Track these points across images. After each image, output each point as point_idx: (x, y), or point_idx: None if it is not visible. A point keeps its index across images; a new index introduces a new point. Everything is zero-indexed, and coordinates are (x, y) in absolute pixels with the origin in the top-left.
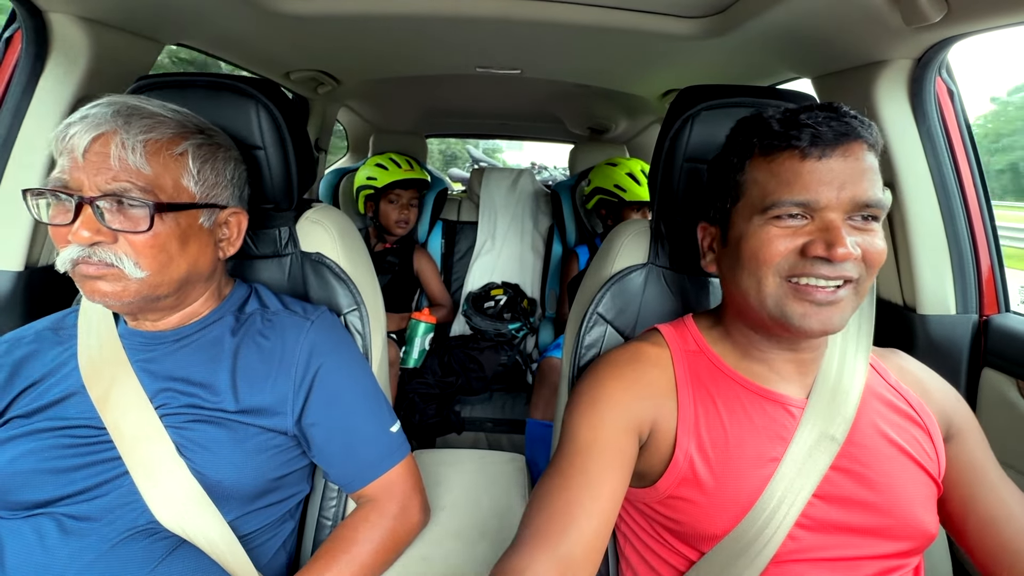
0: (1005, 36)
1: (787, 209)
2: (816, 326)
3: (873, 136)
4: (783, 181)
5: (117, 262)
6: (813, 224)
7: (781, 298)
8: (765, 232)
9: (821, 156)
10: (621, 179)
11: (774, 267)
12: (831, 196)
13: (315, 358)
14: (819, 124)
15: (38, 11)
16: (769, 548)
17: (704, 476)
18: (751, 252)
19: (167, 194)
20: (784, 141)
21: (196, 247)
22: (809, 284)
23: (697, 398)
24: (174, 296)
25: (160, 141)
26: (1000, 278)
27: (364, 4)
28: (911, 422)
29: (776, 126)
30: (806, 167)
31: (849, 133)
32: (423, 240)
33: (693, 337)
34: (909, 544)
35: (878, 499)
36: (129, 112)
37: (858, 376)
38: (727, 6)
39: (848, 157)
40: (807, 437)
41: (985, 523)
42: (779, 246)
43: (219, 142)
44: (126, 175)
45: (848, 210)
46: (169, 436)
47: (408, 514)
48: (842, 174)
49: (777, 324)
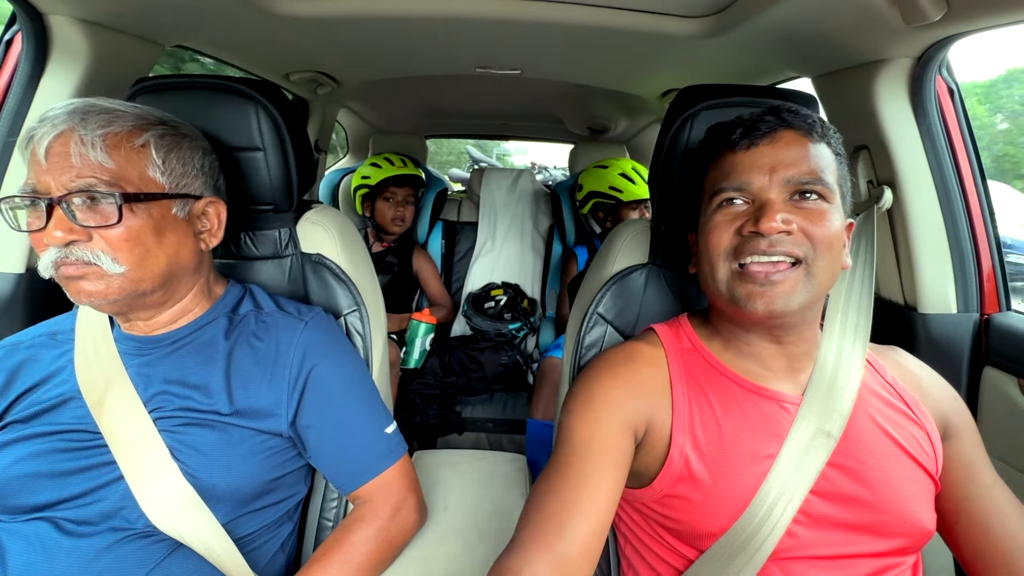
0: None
1: (727, 195)
2: (761, 307)
3: (809, 124)
4: (723, 173)
5: (95, 259)
6: (752, 207)
7: (730, 282)
8: (712, 221)
9: (750, 145)
10: (615, 180)
11: (722, 252)
12: (763, 179)
13: (308, 359)
14: (753, 122)
15: (38, 13)
16: (767, 545)
17: (700, 473)
18: (704, 241)
19: (134, 186)
20: (723, 141)
21: (174, 239)
22: (752, 264)
23: (691, 395)
24: (160, 291)
25: (120, 134)
26: (1001, 277)
27: (364, 5)
28: (907, 419)
29: (720, 129)
30: (739, 157)
31: (780, 124)
32: (423, 241)
33: (687, 335)
34: (906, 541)
35: (874, 496)
36: (86, 109)
37: (854, 372)
38: (726, 6)
39: (777, 144)
40: (803, 433)
41: (976, 523)
42: (723, 231)
43: (183, 132)
44: (89, 170)
45: (784, 190)
46: (163, 440)
47: (403, 515)
48: (772, 159)
49: (730, 308)
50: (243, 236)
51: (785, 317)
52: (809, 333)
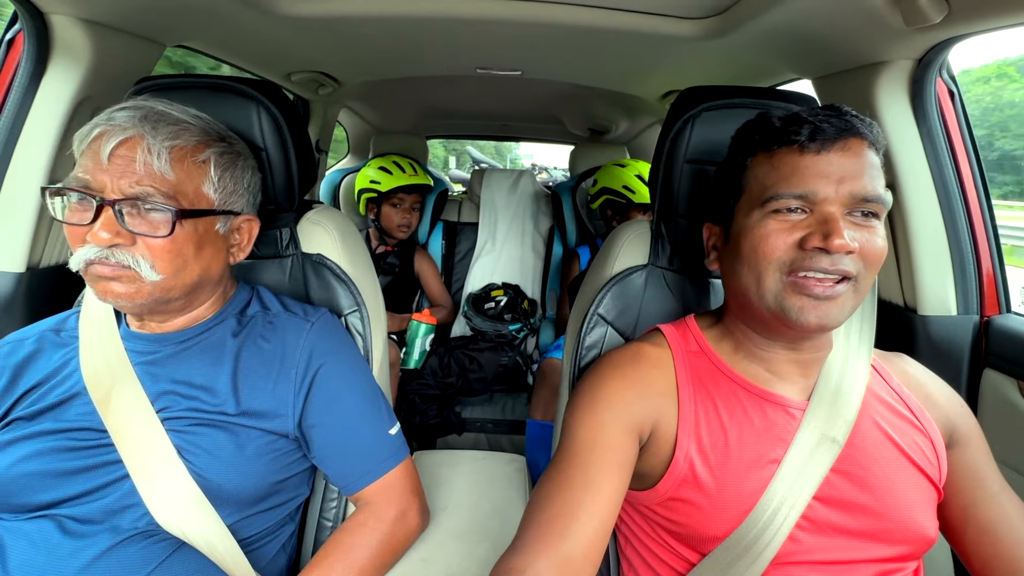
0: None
1: (786, 202)
2: (814, 320)
3: (874, 134)
4: (782, 175)
5: (134, 264)
6: (812, 217)
7: (779, 292)
8: (764, 226)
9: (820, 150)
10: (630, 180)
11: (774, 262)
12: (829, 190)
13: (315, 359)
14: (819, 121)
15: (40, 13)
16: (769, 550)
17: (704, 478)
18: (751, 247)
19: (188, 200)
20: (784, 136)
21: (210, 252)
22: (808, 277)
23: (697, 399)
24: (184, 299)
25: (185, 148)
26: (1001, 279)
27: (364, 5)
28: (912, 426)
29: (777, 123)
30: (805, 161)
31: (849, 129)
32: (424, 241)
33: (695, 337)
34: (907, 548)
35: (876, 502)
36: (156, 118)
37: (860, 378)
38: (727, 7)
39: (847, 152)
40: (808, 439)
41: (984, 531)
42: (778, 240)
43: (239, 151)
44: (150, 180)
45: (847, 204)
46: (170, 439)
47: (406, 518)
48: (841, 168)
49: (776, 319)
50: None
51: (831, 330)
52: (825, 341)
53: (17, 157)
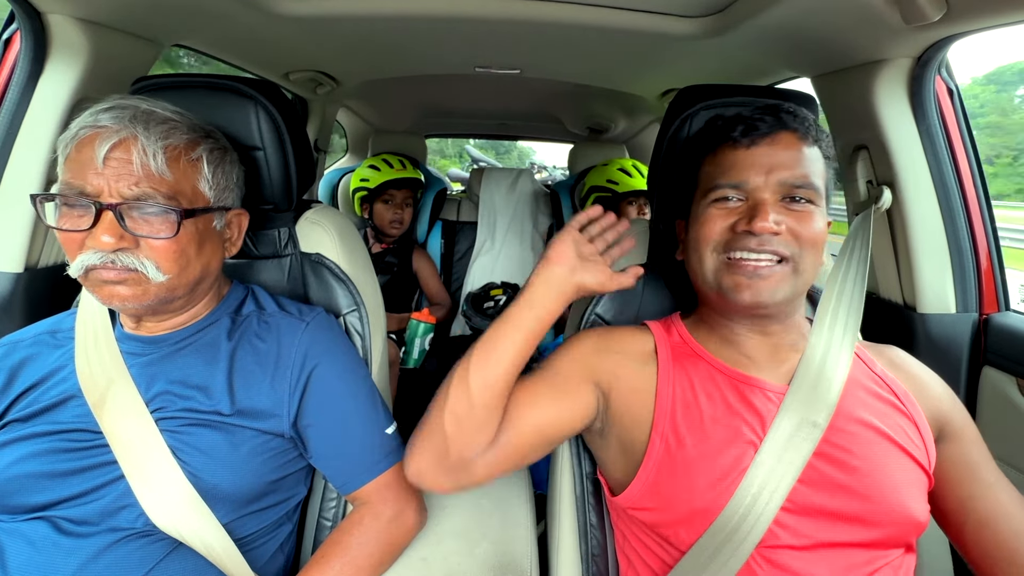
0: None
1: (723, 191)
2: (747, 298)
3: (805, 128)
4: (722, 168)
5: (140, 267)
6: (746, 204)
7: (717, 272)
8: (707, 214)
9: (750, 144)
10: (613, 174)
11: (711, 244)
12: (759, 179)
13: (310, 359)
14: (754, 119)
15: (37, 12)
16: (754, 535)
17: (679, 455)
18: (695, 233)
19: (187, 199)
20: (724, 135)
21: (210, 249)
22: (740, 258)
23: (676, 381)
24: (185, 297)
25: (178, 146)
26: (1000, 276)
27: (363, 4)
28: (895, 410)
29: (719, 123)
30: (739, 154)
31: (779, 124)
32: (422, 240)
33: (678, 330)
34: (893, 531)
35: (859, 483)
36: (145, 117)
37: (842, 365)
38: (726, 6)
39: (776, 145)
40: (787, 422)
41: (982, 523)
42: (715, 224)
43: (224, 145)
44: (149, 181)
45: (777, 191)
46: (165, 440)
47: (404, 517)
48: (770, 160)
49: (717, 296)
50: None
51: (768, 308)
52: (793, 325)
53: (14, 157)
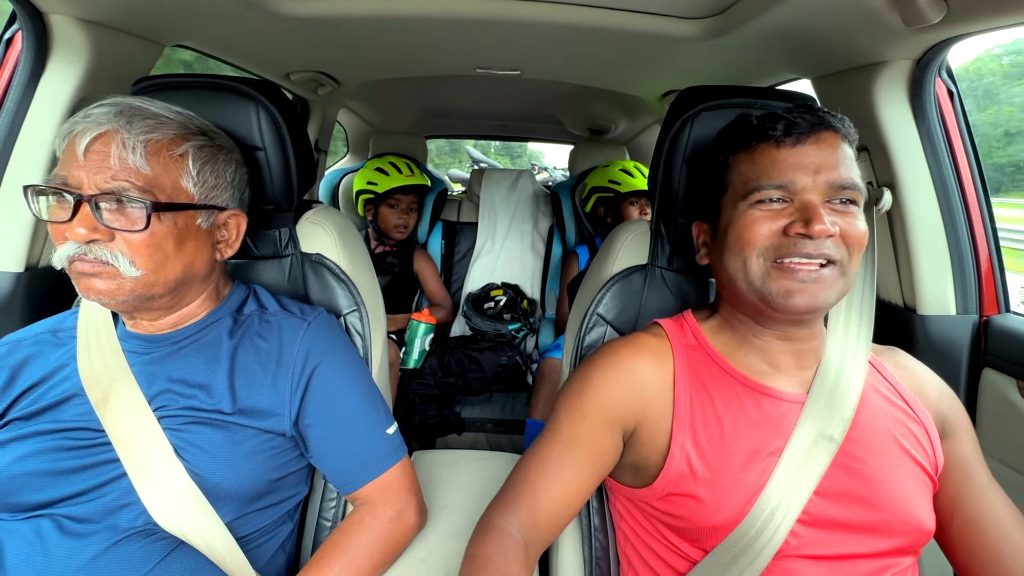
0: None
1: (767, 193)
2: (801, 302)
3: (845, 128)
4: (763, 168)
5: (112, 260)
6: (793, 206)
7: (764, 276)
8: (749, 216)
9: (795, 143)
10: (615, 174)
11: (758, 248)
12: (807, 179)
13: (311, 359)
14: (793, 117)
15: (38, 12)
16: (771, 546)
17: (701, 471)
18: (736, 235)
19: (166, 194)
20: (762, 132)
21: (192, 248)
22: (792, 262)
23: (693, 393)
24: (169, 296)
25: (161, 142)
26: (1000, 278)
27: (364, 5)
28: (907, 416)
29: (755, 121)
30: (782, 154)
31: (821, 123)
32: (423, 241)
33: (692, 331)
34: (905, 540)
35: (874, 495)
36: (132, 112)
37: (857, 375)
38: (727, 7)
39: (821, 144)
40: (805, 436)
41: (970, 523)
42: (762, 227)
43: (220, 144)
44: (125, 174)
45: (825, 192)
46: (167, 438)
47: (404, 517)
48: (817, 159)
49: (762, 302)
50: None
51: (819, 312)
52: (818, 330)
53: (15, 157)
